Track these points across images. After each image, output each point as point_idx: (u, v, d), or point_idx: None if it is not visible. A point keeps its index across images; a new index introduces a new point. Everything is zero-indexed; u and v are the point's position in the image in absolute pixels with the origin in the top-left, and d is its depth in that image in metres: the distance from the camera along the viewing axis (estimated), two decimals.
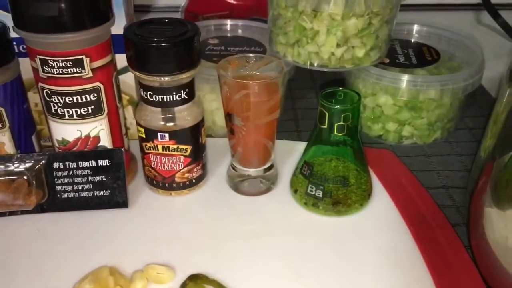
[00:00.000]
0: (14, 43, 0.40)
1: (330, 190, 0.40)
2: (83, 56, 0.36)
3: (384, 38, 0.48)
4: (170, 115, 0.39)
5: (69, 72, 0.36)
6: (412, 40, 0.57)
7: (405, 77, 0.47)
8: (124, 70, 0.44)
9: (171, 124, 0.39)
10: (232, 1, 0.75)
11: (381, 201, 0.42)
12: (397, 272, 0.36)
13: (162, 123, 0.39)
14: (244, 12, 0.75)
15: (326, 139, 0.39)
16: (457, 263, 0.36)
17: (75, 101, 0.37)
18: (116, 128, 0.41)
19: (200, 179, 0.43)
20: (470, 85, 0.48)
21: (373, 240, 0.39)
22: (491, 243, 0.34)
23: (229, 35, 0.59)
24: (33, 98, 0.44)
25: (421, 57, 0.53)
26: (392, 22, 0.48)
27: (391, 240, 0.39)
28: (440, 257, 0.37)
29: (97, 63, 0.37)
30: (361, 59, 0.47)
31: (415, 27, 0.57)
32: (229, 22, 0.59)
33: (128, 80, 0.46)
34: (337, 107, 0.37)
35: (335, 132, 0.38)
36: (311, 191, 0.40)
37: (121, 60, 0.41)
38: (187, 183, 0.42)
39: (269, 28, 0.51)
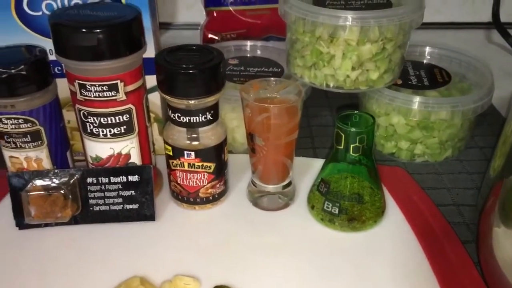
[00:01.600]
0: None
1: (346, 207, 0.42)
2: (118, 81, 0.39)
3: (397, 61, 0.50)
4: (195, 135, 0.42)
5: (105, 95, 0.39)
6: (424, 62, 0.59)
7: (417, 99, 0.49)
8: (150, 90, 0.47)
9: (196, 143, 0.42)
10: (249, 20, 0.78)
11: (394, 217, 0.44)
12: (408, 286, 0.38)
13: (188, 142, 0.42)
14: (260, 30, 0.78)
15: (342, 159, 0.42)
16: (466, 280, 0.38)
17: (109, 121, 0.40)
18: (145, 146, 0.43)
19: (222, 194, 0.46)
20: (480, 107, 0.50)
21: (386, 256, 0.41)
22: (499, 261, 0.36)
23: (248, 55, 0.62)
24: (66, 115, 0.47)
25: (432, 78, 0.55)
26: (405, 46, 0.50)
27: (404, 255, 0.41)
28: (450, 273, 0.39)
29: (130, 87, 0.40)
30: (375, 82, 0.50)
31: (427, 49, 0.60)
32: (248, 43, 0.62)
33: (154, 99, 0.49)
34: (353, 129, 0.40)
35: (351, 153, 0.41)
36: (327, 207, 0.43)
37: (148, 80, 0.44)
38: (210, 198, 0.45)
39: (287, 50, 0.54)
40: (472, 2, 0.86)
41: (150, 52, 0.44)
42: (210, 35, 0.78)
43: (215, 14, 0.77)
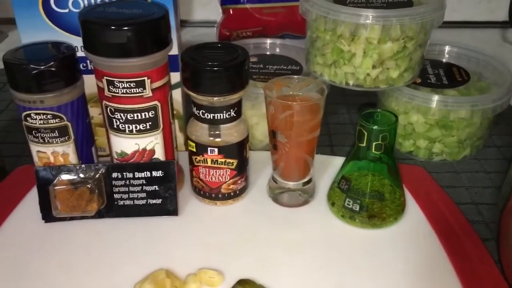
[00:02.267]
0: None
1: (366, 204, 0.43)
2: (145, 78, 0.39)
3: (417, 60, 0.50)
4: (217, 132, 0.43)
5: (132, 92, 0.39)
6: (443, 61, 0.59)
7: (436, 98, 0.49)
8: (172, 87, 0.48)
9: (218, 139, 0.43)
10: (265, 18, 0.79)
11: (413, 215, 0.45)
12: (429, 284, 0.38)
13: (211, 138, 0.43)
14: (276, 28, 0.79)
15: (363, 156, 0.42)
16: (487, 277, 0.38)
17: (135, 118, 0.41)
18: (169, 142, 0.44)
19: (243, 190, 0.46)
20: (499, 106, 0.50)
21: (406, 253, 0.41)
22: None
23: (267, 53, 0.62)
24: (89, 111, 0.48)
25: (451, 77, 0.55)
26: (425, 45, 0.51)
27: (424, 252, 0.41)
28: (471, 271, 0.39)
29: (156, 84, 0.40)
30: (395, 80, 0.50)
31: (446, 48, 0.60)
32: (268, 41, 0.63)
33: (175, 96, 0.50)
34: (376, 127, 0.40)
35: (373, 151, 0.41)
36: (348, 204, 0.43)
37: (172, 77, 0.45)
38: (232, 194, 0.45)
39: (306, 48, 0.54)
40: (488, 1, 0.86)
41: (173, 49, 0.44)
42: (226, 33, 0.78)
43: (231, 12, 0.78)
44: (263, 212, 0.46)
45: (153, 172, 0.43)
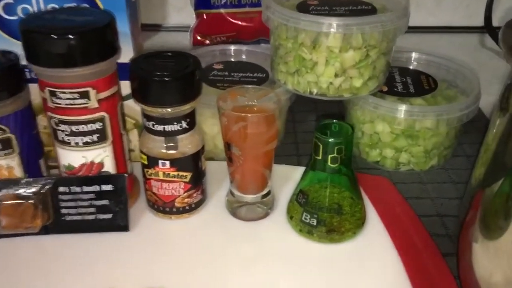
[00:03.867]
0: (26, 70, 0.42)
1: (324, 218, 0.41)
2: (90, 89, 0.38)
3: (381, 68, 0.49)
4: (172, 144, 0.41)
5: (76, 103, 0.38)
6: (411, 68, 0.58)
7: (402, 107, 0.48)
8: (129, 96, 0.46)
9: (173, 152, 0.41)
10: (239, 23, 0.77)
11: (374, 229, 0.43)
12: None
13: (164, 151, 0.41)
14: (251, 33, 0.77)
15: (321, 168, 0.41)
16: None
17: (81, 129, 0.39)
18: (120, 154, 0.42)
19: (199, 203, 0.45)
20: (465, 115, 0.49)
21: (365, 268, 0.40)
22: (478, 278, 0.35)
23: (233, 59, 0.61)
24: (43, 120, 0.46)
25: (419, 85, 0.54)
26: (389, 53, 0.49)
27: (382, 268, 0.40)
28: (429, 287, 0.38)
29: (102, 94, 0.39)
30: (358, 89, 0.49)
31: (413, 55, 0.58)
32: (232, 47, 0.61)
33: (134, 105, 0.48)
34: (331, 140, 0.39)
35: (329, 163, 0.40)
36: (305, 219, 0.42)
37: (127, 86, 0.43)
38: (187, 207, 0.44)
39: (271, 56, 0.53)
40: (466, 6, 0.85)
41: (129, 57, 0.43)
42: (199, 38, 0.77)
43: (205, 17, 0.77)
44: (220, 226, 0.44)
45: (102, 186, 0.41)
